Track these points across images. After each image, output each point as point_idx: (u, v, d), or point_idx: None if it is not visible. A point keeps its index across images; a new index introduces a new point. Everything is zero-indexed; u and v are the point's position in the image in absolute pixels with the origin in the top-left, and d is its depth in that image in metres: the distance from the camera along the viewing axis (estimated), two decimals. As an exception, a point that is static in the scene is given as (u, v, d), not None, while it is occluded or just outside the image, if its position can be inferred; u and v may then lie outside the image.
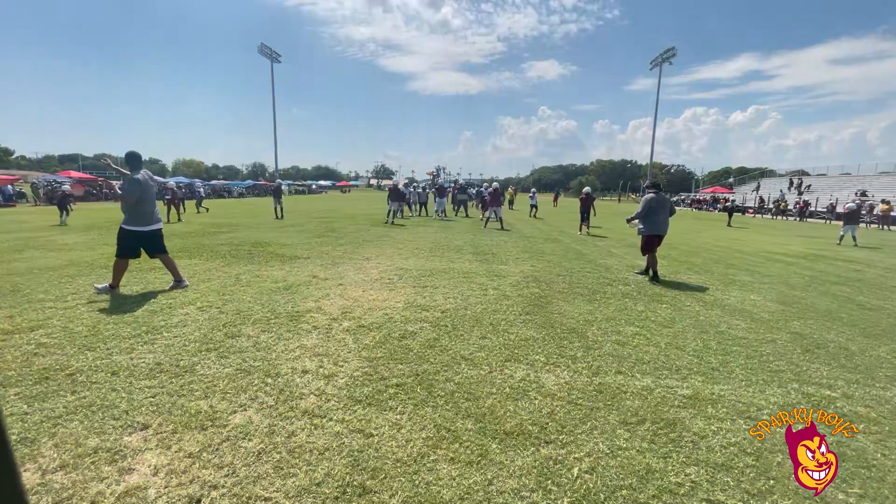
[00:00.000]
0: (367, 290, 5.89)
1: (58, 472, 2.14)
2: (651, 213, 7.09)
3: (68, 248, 9.20)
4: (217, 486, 2.07)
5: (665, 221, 7.18)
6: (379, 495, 2.03)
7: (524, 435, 2.56)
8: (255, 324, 4.37)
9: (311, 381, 3.16)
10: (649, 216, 7.12)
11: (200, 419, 2.62)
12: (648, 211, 7.09)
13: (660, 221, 7.10)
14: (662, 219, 7.13)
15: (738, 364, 3.74)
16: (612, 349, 3.97)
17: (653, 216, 7.09)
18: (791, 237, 16.64)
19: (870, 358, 4.01)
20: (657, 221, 7.09)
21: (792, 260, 10.25)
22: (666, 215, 7.18)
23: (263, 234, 12.05)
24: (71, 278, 6.22)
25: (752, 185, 51.06)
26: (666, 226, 7.21)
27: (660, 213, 7.09)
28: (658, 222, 7.10)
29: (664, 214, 7.15)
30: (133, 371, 3.24)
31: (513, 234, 13.40)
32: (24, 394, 2.88)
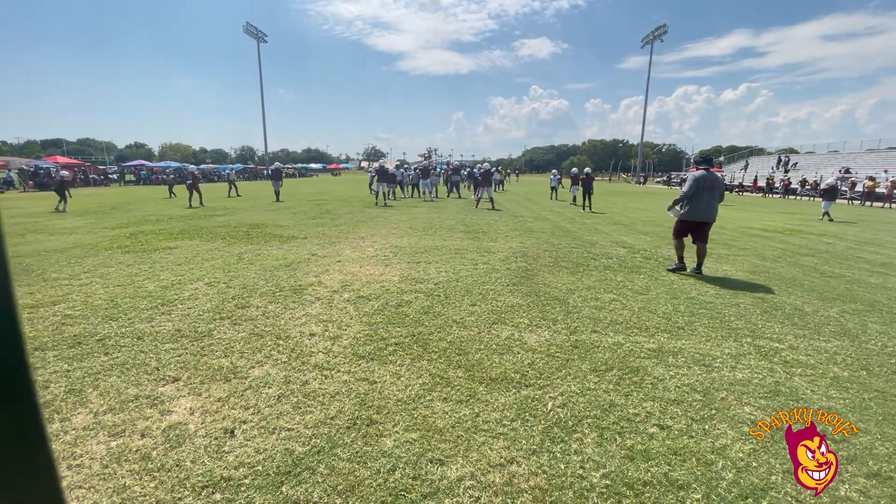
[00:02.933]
0: (363, 265, 6.23)
1: (107, 413, 2.50)
2: (696, 195, 5.86)
3: (69, 231, 9.40)
4: (246, 420, 2.44)
5: (711, 206, 5.88)
6: (384, 425, 2.42)
7: (507, 381, 2.96)
8: (261, 296, 4.71)
9: (319, 342, 3.53)
10: (692, 198, 5.91)
11: (224, 373, 2.99)
12: (696, 192, 5.86)
13: (703, 206, 5.86)
14: (707, 203, 5.85)
15: (702, 324, 4.17)
16: (589, 313, 4.38)
17: (695, 199, 5.88)
18: (773, 213, 17.18)
19: (820, 317, 4.46)
20: (700, 206, 5.87)
21: (769, 234, 10.74)
22: (714, 199, 5.89)
23: (259, 217, 12.29)
24: (79, 259, 6.49)
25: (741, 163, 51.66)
26: (713, 211, 5.91)
27: (705, 196, 5.84)
28: (702, 207, 5.86)
29: (711, 197, 5.87)
30: (156, 336, 3.59)
31: (503, 214, 13.75)
32: (62, 355, 3.22)
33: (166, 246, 7.61)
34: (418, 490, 1.95)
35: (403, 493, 1.93)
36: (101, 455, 2.15)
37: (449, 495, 1.92)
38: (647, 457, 2.20)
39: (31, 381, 0.39)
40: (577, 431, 2.41)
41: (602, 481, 2.03)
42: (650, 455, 2.22)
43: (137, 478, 1.99)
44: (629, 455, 2.22)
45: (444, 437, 2.33)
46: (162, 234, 9.04)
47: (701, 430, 2.45)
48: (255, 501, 1.87)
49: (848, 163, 36.21)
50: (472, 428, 2.42)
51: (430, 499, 1.90)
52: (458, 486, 1.97)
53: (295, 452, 2.18)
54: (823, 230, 11.91)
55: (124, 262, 6.25)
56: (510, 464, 2.13)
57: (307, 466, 2.08)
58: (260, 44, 57.54)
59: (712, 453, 2.25)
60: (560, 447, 2.27)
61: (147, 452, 2.17)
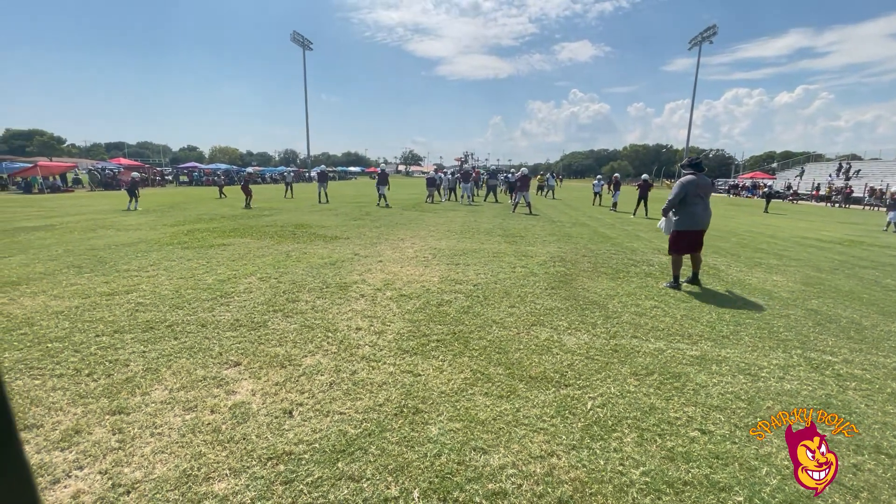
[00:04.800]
0: (404, 266, 6.43)
1: (181, 390, 2.77)
2: (687, 201, 5.46)
3: (134, 228, 10.18)
4: (302, 403, 2.64)
5: (705, 213, 5.51)
6: (429, 414, 2.56)
7: (546, 379, 3.03)
8: (310, 291, 4.98)
9: (365, 336, 3.72)
10: (685, 206, 5.50)
11: (280, 360, 3.22)
12: (685, 198, 5.46)
13: (698, 213, 5.45)
14: (702, 210, 5.46)
15: (748, 333, 4.07)
16: (630, 318, 4.36)
17: (690, 206, 5.46)
18: (830, 223, 16.20)
19: (879, 332, 4.25)
20: (694, 213, 5.44)
21: (825, 245, 10.17)
22: (707, 205, 5.54)
23: (304, 217, 12.82)
24: (145, 253, 7.04)
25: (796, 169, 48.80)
26: (706, 218, 5.53)
27: (698, 202, 5.46)
28: (695, 214, 5.44)
29: (704, 204, 5.50)
30: (217, 325, 3.89)
31: (541, 219, 13.69)
32: (138, 338, 3.56)
33: (220, 243, 8.12)
34: (463, 474, 2.06)
35: (449, 475, 2.05)
36: (178, 426, 2.40)
37: (492, 480, 2.03)
38: (687, 458, 2.23)
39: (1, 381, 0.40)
40: (616, 431, 2.46)
41: (642, 478, 2.07)
42: (691, 457, 2.24)
43: (211, 447, 2.22)
44: (669, 456, 2.25)
45: (486, 429, 2.44)
46: (216, 231, 9.63)
47: (745, 437, 2.43)
48: (315, 474, 2.04)
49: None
50: (512, 421, 2.51)
51: (474, 482, 2.01)
52: (501, 473, 2.08)
53: (348, 434, 2.35)
54: (888, 242, 11.15)
55: (184, 257, 6.74)
56: (550, 456, 2.21)
57: (360, 447, 2.24)
58: (305, 51, 59.77)
59: (756, 460, 2.24)
60: (599, 444, 2.33)
61: (217, 426, 2.40)
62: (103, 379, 2.90)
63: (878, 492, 2.04)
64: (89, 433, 2.32)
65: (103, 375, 2.94)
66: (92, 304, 4.42)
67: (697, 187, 5.43)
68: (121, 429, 2.36)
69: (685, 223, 5.52)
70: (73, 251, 7.15)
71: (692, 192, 5.42)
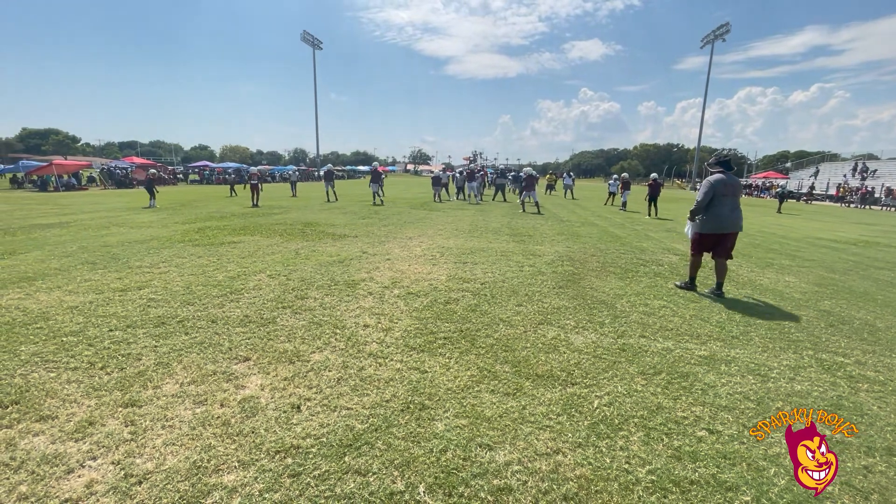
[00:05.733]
0: (412, 264, 6.46)
1: (191, 385, 2.81)
2: (715, 202, 5.15)
3: (146, 225, 10.33)
4: (310, 398, 2.67)
5: (735, 214, 5.17)
6: (435, 410, 2.57)
7: (553, 378, 3.03)
8: (318, 289, 5.02)
9: (372, 333, 3.74)
10: (710, 207, 5.19)
11: (288, 355, 3.26)
12: (713, 199, 5.15)
13: (724, 214, 5.13)
14: (728, 210, 5.13)
15: (758, 334, 4.02)
16: (638, 318, 4.34)
17: (716, 207, 5.15)
18: (845, 224, 15.93)
19: (894, 334, 4.17)
20: (720, 214, 5.14)
21: (840, 246, 10.01)
22: (736, 205, 5.19)
23: (312, 215, 12.92)
24: (157, 250, 7.15)
25: (810, 169, 48.01)
26: (736, 218, 5.17)
27: (728, 203, 5.13)
28: (721, 215, 5.13)
29: (732, 205, 5.16)
30: (227, 321, 3.95)
31: (549, 219, 13.64)
32: (150, 333, 3.62)
33: (230, 240, 8.21)
34: (468, 470, 2.07)
35: (455, 471, 2.06)
36: (189, 419, 2.44)
37: (497, 476, 2.04)
38: (694, 458, 2.22)
39: None
40: (623, 429, 2.45)
41: (648, 476, 2.07)
42: (698, 456, 2.23)
43: (220, 440, 2.25)
44: (676, 455, 2.24)
45: (492, 426, 2.44)
46: (226, 229, 9.74)
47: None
48: (322, 467, 2.07)
49: (937, 170, 32.78)
50: (518, 419, 2.52)
51: (479, 478, 2.02)
52: (506, 470, 2.08)
53: (355, 428, 2.37)
54: (904, 243, 10.93)
55: (195, 254, 6.83)
56: (556, 454, 2.22)
57: (366, 441, 2.26)
58: (315, 51, 60.14)
59: (764, 460, 2.22)
60: (606, 442, 2.33)
61: (227, 419, 2.43)
62: (116, 372, 2.95)
63: (889, 494, 2.01)
64: (103, 425, 2.37)
65: (116, 369, 3.00)
66: (105, 299, 4.50)
67: (726, 186, 5.12)
68: (133, 421, 2.41)
69: (709, 225, 5.20)
70: (88, 248, 7.28)
71: (720, 192, 5.11)
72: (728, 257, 5.26)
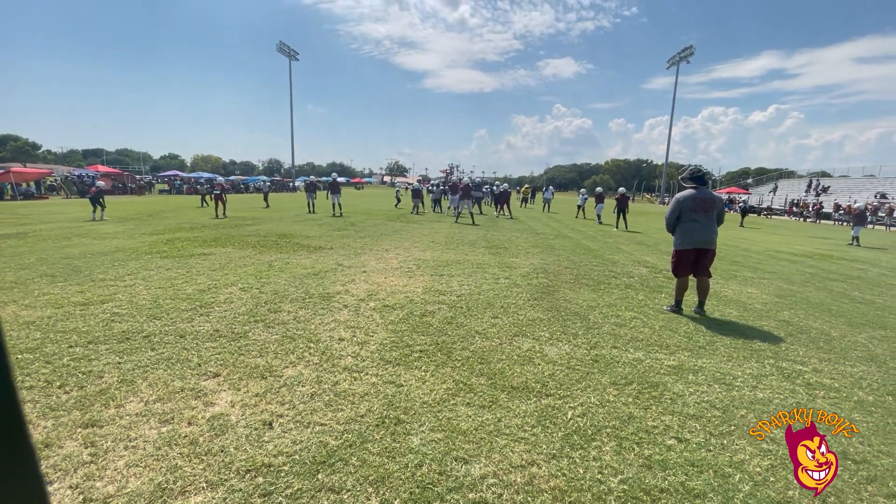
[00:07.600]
0: (388, 276, 6.43)
1: (157, 402, 2.71)
2: (683, 217, 5.05)
3: (111, 236, 9.94)
4: (282, 415, 2.61)
5: (708, 230, 5.00)
6: (411, 425, 2.56)
7: (528, 389, 3.06)
8: (292, 302, 4.93)
9: (347, 347, 3.70)
10: (680, 223, 5.08)
11: (260, 371, 3.18)
12: (680, 215, 5.06)
13: (695, 230, 4.98)
14: (701, 226, 4.97)
15: (724, 344, 4.18)
16: (610, 329, 4.44)
17: (686, 222, 5.03)
18: (802, 238, 16.78)
19: (847, 342, 4.41)
20: (691, 229, 5.00)
21: (797, 258, 10.52)
22: (712, 221, 5.03)
23: (287, 227, 12.71)
24: (122, 262, 6.88)
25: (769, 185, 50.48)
26: (708, 234, 5.01)
27: (700, 219, 4.98)
28: (692, 230, 4.99)
29: (708, 220, 5.00)
30: (197, 335, 3.83)
31: (525, 231, 13.84)
32: (113, 349, 3.48)
33: (201, 252, 7.99)
34: (444, 484, 2.07)
35: (430, 486, 2.05)
36: (154, 438, 2.34)
37: (472, 490, 2.04)
38: (664, 466, 2.27)
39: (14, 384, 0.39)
40: (595, 440, 2.50)
41: (620, 486, 2.11)
42: (668, 465, 2.29)
43: (187, 460, 2.17)
44: (647, 464, 2.29)
45: (468, 439, 2.45)
46: (196, 241, 9.47)
47: (719, 445, 2.50)
48: (294, 486, 2.02)
49: (884, 188, 35.03)
50: (494, 431, 2.53)
51: (455, 493, 2.02)
52: (482, 483, 2.09)
53: (329, 445, 2.33)
54: (855, 256, 11.60)
55: (163, 266, 6.61)
56: (531, 466, 2.23)
57: (340, 458, 2.23)
58: (291, 61, 59.78)
59: (730, 467, 2.30)
60: (579, 453, 2.36)
61: (195, 438, 2.35)
62: (76, 391, 2.82)
63: (844, 496, 2.11)
64: (60, 447, 2.26)
65: (76, 387, 2.86)
66: (65, 314, 4.30)
67: (695, 201, 4.97)
68: (93, 442, 2.30)
69: (680, 240, 5.10)
70: (47, 259, 6.95)
71: (688, 208, 4.99)
72: (707, 275, 5.15)
